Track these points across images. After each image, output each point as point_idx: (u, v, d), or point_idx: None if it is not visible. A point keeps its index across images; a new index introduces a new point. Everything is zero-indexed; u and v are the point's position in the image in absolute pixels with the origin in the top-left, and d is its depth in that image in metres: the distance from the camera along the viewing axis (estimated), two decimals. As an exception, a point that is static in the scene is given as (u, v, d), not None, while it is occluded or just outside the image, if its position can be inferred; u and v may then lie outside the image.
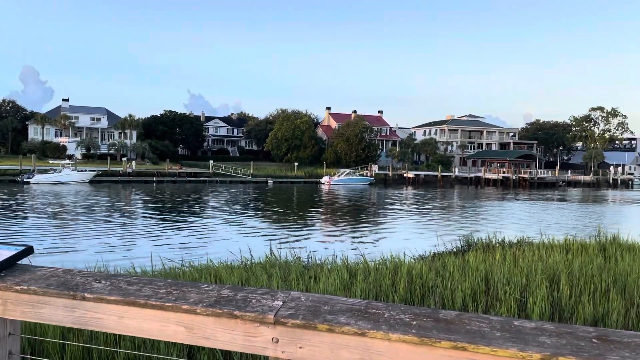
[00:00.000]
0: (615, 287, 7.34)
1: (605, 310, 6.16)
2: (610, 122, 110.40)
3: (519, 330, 1.38)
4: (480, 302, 6.43)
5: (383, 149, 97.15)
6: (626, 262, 9.21)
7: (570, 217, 34.65)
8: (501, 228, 24.15)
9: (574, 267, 8.54)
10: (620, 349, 1.27)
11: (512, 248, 12.14)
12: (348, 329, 1.42)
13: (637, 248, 12.00)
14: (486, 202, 47.66)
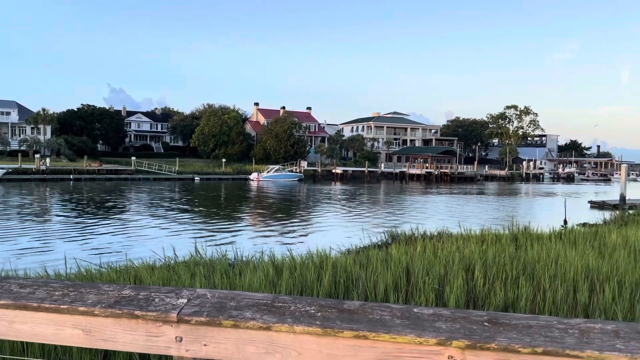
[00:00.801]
0: (524, 274, 7.84)
1: (515, 296, 6.56)
2: (523, 119, 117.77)
3: (418, 317, 1.43)
4: (401, 293, 6.65)
5: (312, 145, 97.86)
6: (535, 251, 9.85)
7: (487, 210, 36.63)
8: (424, 221, 25.09)
9: (488, 256, 9.02)
10: (508, 330, 1.35)
11: (432, 240, 12.65)
12: (253, 323, 1.41)
13: (545, 237, 12.88)
14: (410, 197, 49.34)
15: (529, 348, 1.28)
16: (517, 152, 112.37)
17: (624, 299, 6.44)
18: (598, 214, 27.91)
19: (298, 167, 77.68)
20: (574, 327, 1.37)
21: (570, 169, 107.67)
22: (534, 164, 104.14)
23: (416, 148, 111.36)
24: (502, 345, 1.29)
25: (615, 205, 33.03)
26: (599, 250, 10.50)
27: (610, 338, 1.32)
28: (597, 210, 32.90)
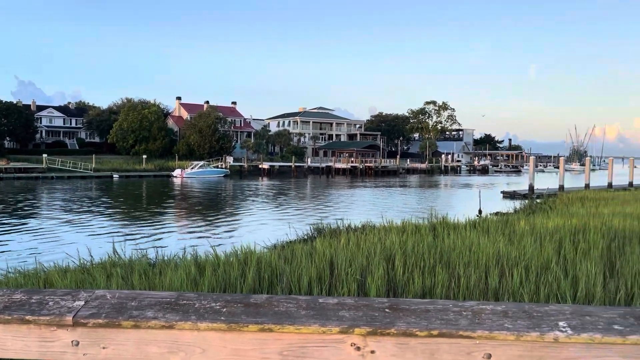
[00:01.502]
0: (441, 263, 8.21)
1: (432, 284, 6.85)
2: (442, 114, 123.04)
3: (323, 307, 1.45)
4: (324, 285, 6.74)
5: (238, 140, 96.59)
6: (451, 240, 10.33)
7: (408, 202, 37.97)
8: (349, 214, 25.58)
9: (408, 246, 9.36)
10: (407, 315, 1.41)
11: (356, 232, 12.92)
12: (155, 323, 1.37)
13: (461, 227, 13.53)
14: (336, 191, 50.11)
15: (425, 331, 1.34)
16: (437, 146, 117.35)
17: (530, 282, 6.91)
18: (509, 204, 29.75)
19: (224, 163, 76.43)
20: (467, 309, 1.45)
21: (484, 162, 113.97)
22: (452, 157, 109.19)
23: (342, 143, 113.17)
24: (401, 329, 1.34)
25: (525, 195, 35.38)
26: (509, 237, 11.18)
27: (500, 318, 1.41)
28: (508, 199, 35.07)
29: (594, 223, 12.82)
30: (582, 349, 1.34)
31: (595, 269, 7.45)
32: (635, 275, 7.28)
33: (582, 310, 1.47)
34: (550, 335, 1.33)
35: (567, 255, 8.68)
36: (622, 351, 1.35)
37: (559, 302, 6.12)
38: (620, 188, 38.47)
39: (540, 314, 1.44)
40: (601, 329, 1.36)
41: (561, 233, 11.22)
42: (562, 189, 36.85)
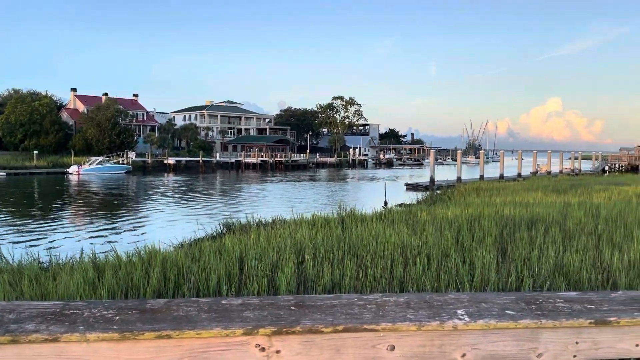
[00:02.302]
0: (349, 254, 8.38)
1: (341, 275, 6.98)
2: (349, 109, 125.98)
3: (226, 308, 1.39)
4: (233, 282, 6.62)
5: (140, 134, 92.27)
6: (359, 232, 10.60)
7: (318, 195, 38.52)
8: (259, 209, 25.41)
9: (318, 239, 9.46)
10: (313, 312, 1.39)
11: (266, 227, 12.86)
12: (37, 336, 1.23)
13: (368, 219, 13.94)
14: (247, 186, 49.60)
15: (331, 327, 1.33)
16: (344, 141, 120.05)
17: (432, 270, 7.26)
18: (412, 195, 31.17)
19: (125, 159, 72.64)
20: (372, 302, 1.46)
21: (389, 155, 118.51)
22: (359, 151, 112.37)
23: (251, 137, 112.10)
24: (306, 327, 1.32)
25: (426, 187, 37.26)
26: (412, 227, 11.69)
27: (403, 309, 1.43)
28: (411, 191, 36.74)
29: (488, 212, 13.78)
30: (479, 335, 1.40)
31: (490, 255, 8.00)
32: (524, 260, 7.91)
33: (478, 297, 1.54)
34: (449, 324, 1.37)
35: (465, 243, 9.24)
36: (515, 335, 1.42)
37: (458, 288, 6.49)
38: (510, 179, 41.77)
39: (440, 303, 1.49)
40: (495, 314, 1.42)
41: (459, 222, 11.92)
42: (459, 180, 39.26)
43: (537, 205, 15.84)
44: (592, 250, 8.58)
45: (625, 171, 64.82)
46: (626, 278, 6.78)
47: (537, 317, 1.43)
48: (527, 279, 6.68)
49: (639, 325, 1.47)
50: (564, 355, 1.46)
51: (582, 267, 7.25)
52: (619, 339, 1.48)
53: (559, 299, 1.57)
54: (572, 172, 55.45)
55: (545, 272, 7.16)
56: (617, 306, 1.52)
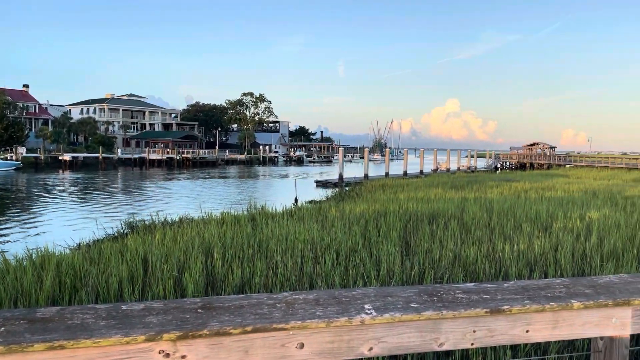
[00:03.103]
0: (260, 252, 8.33)
1: (251, 274, 6.91)
2: (259, 106, 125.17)
3: (127, 314, 1.31)
4: (137, 285, 6.32)
5: (32, 128, 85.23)
6: (269, 229, 10.57)
7: (228, 193, 37.90)
8: (165, 208, 24.50)
9: (227, 238, 9.30)
10: (221, 314, 1.35)
11: (173, 226, 12.42)
12: None
13: (279, 216, 13.95)
14: (152, 183, 47.59)
15: (239, 328, 1.30)
16: (255, 137, 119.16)
17: (341, 265, 7.41)
18: (322, 192, 31.68)
19: (14, 154, 66.72)
20: (281, 301, 1.45)
21: (300, 153, 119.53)
22: (269, 148, 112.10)
23: (156, 133, 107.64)
24: (214, 330, 1.28)
25: (335, 184, 38.03)
26: (322, 223, 11.87)
27: (312, 307, 1.44)
28: (321, 188, 37.31)
29: (393, 207, 14.34)
30: (385, 328, 1.44)
31: (395, 249, 8.33)
32: (426, 252, 8.33)
33: (384, 291, 1.58)
34: (357, 319, 1.40)
35: (372, 238, 9.54)
36: (418, 326, 1.48)
37: (365, 281, 6.68)
38: (413, 176, 43.82)
39: (349, 298, 1.51)
40: (400, 308, 1.47)
41: (366, 217, 12.30)
42: (366, 177, 40.52)
43: (437, 201, 16.75)
44: (486, 242, 9.23)
45: (515, 168, 70.55)
46: (516, 267, 7.37)
47: (438, 309, 1.49)
48: (429, 271, 7.03)
49: (529, 313, 1.59)
50: (463, 344, 1.55)
51: (477, 259, 7.77)
52: (512, 325, 1.59)
53: (458, 291, 1.65)
54: (468, 169, 59.31)
55: (445, 264, 7.58)
56: (509, 295, 1.64)
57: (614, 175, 41.05)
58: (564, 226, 11.17)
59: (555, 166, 63.47)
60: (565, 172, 46.17)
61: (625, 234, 10.06)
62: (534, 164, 69.60)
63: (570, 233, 10.16)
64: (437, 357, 4.27)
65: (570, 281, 1.83)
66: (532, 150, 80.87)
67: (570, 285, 1.78)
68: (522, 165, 72.15)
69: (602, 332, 1.71)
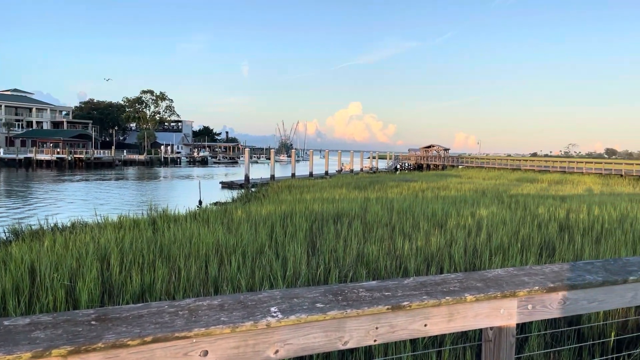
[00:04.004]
0: (161, 257, 8.01)
1: (151, 280, 6.62)
2: (160, 104, 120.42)
3: (10, 330, 1.19)
4: (22, 297, 5.80)
5: None
6: (172, 233, 10.20)
7: (127, 195, 36.01)
8: (56, 212, 22.76)
9: (126, 243, 8.84)
10: (118, 325, 1.27)
11: (64, 232, 11.56)
12: None
13: (181, 219, 13.50)
14: (40, 186, 43.94)
15: (138, 339, 1.23)
16: (155, 137, 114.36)
17: (247, 267, 7.34)
18: (228, 193, 31.16)
19: None
20: (184, 308, 1.40)
21: (204, 153, 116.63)
22: (171, 148, 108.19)
23: (45, 131, 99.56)
24: (109, 342, 1.20)
25: (241, 185, 37.60)
26: (228, 226, 11.68)
27: (217, 312, 1.40)
28: (227, 189, 36.69)
29: (299, 208, 14.46)
30: (291, 330, 1.44)
31: (301, 249, 8.40)
32: (331, 252, 8.50)
33: (290, 293, 1.58)
34: (263, 322, 1.38)
35: (278, 239, 9.55)
36: (324, 326, 1.50)
37: (272, 283, 6.67)
38: (319, 176, 44.55)
39: (255, 302, 1.49)
40: (306, 309, 1.48)
41: (273, 218, 12.29)
42: (273, 178, 40.51)
43: (342, 201, 17.17)
44: (387, 240, 9.61)
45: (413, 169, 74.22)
46: (415, 263, 7.74)
47: (343, 308, 1.52)
48: (334, 270, 7.17)
49: (427, 307, 1.67)
50: (366, 341, 1.59)
51: (379, 256, 8.06)
52: (411, 320, 1.66)
53: (362, 289, 1.70)
54: (370, 170, 61.45)
55: (350, 262, 7.79)
56: (409, 291, 1.71)
57: (500, 175, 44.65)
58: (457, 223, 11.94)
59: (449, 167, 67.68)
60: (458, 173, 49.42)
61: (510, 229, 10.97)
62: (430, 165, 73.70)
63: (462, 230, 10.87)
64: (341, 355, 4.36)
65: (464, 276, 1.95)
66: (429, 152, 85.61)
67: (464, 279, 1.90)
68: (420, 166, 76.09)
69: (492, 323, 1.84)
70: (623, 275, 2.10)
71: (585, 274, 2.06)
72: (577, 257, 8.55)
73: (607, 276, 2.07)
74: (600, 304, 2.07)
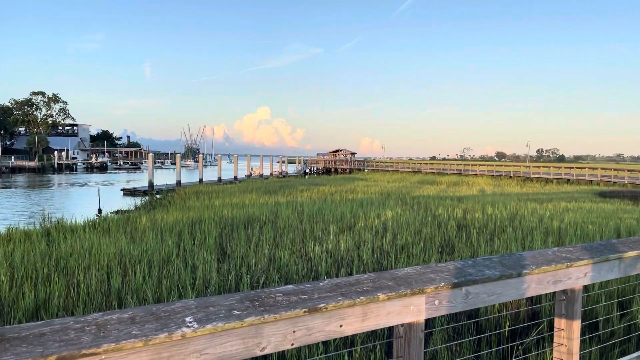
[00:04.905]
0: (57, 270, 7.45)
1: (47, 295, 6.14)
2: (52, 107, 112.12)
3: None
4: None
5: None
6: (69, 244, 9.53)
7: (16, 206, 33.07)
8: None
9: (16, 257, 8.13)
10: (17, 345, 1.17)
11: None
12: None
13: (79, 229, 12.66)
14: None
15: (41, 359, 1.14)
16: (48, 142, 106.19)
17: (153, 277, 7.04)
18: (130, 201, 29.68)
19: None
20: (91, 323, 1.32)
21: (103, 159, 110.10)
22: (66, 154, 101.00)
23: None
24: None
25: (145, 192, 35.98)
26: (131, 235, 11.13)
27: (128, 326, 1.33)
28: (129, 197, 34.93)
29: (208, 214, 14.14)
30: (208, 340, 1.41)
31: (211, 256, 8.22)
32: (242, 258, 8.39)
33: (206, 302, 1.54)
34: (178, 333, 1.34)
35: (187, 247, 9.27)
36: (241, 333, 1.48)
37: (180, 292, 6.45)
38: (228, 182, 43.84)
39: (168, 313, 1.44)
40: (223, 317, 1.45)
41: (180, 226, 11.90)
42: (179, 184, 39.22)
43: (252, 206, 17.03)
44: (298, 244, 9.68)
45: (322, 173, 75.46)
46: (325, 265, 7.87)
47: (260, 313, 1.51)
48: (246, 276, 7.10)
49: (342, 308, 1.71)
50: (283, 345, 1.59)
51: (291, 260, 8.10)
52: (328, 322, 1.69)
53: (279, 293, 1.70)
54: (280, 174, 61.57)
55: (261, 268, 7.74)
56: (325, 293, 1.74)
57: (403, 178, 46.74)
58: (365, 225, 12.32)
59: (355, 171, 69.65)
60: (364, 176, 51.01)
61: (414, 229, 11.51)
62: (338, 168, 75.37)
63: (370, 231, 11.24)
64: (255, 361, 4.32)
65: (376, 275, 2.02)
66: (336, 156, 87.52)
67: (376, 279, 1.96)
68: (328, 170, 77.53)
69: (403, 320, 1.92)
70: (517, 269, 2.29)
71: (484, 269, 2.22)
72: (474, 254, 9.16)
73: (504, 270, 2.24)
74: (498, 296, 2.24)
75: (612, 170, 47.49)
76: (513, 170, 52.49)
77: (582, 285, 2.63)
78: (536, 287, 2.41)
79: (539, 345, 4.91)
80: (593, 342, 4.89)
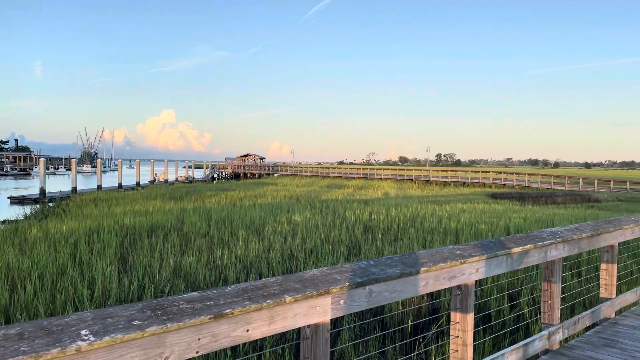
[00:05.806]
0: None
1: None
2: None
3: None
4: None
5: None
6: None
7: None
8: None
9: None
10: None
11: None
12: None
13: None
14: None
15: None
16: None
17: (46, 291, 6.53)
18: (19, 210, 27.29)
19: None
20: None
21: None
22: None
23: None
24: None
25: (36, 200, 33.29)
26: (20, 246, 10.26)
27: (15, 342, 1.23)
28: (17, 205, 32.13)
29: (107, 223, 13.37)
30: (105, 353, 1.34)
31: (110, 266, 7.78)
32: (145, 267, 8.04)
33: (103, 313, 1.47)
34: (72, 347, 1.26)
35: (84, 257, 8.71)
36: (142, 344, 1.42)
37: (77, 306, 6.05)
38: (129, 188, 41.74)
39: (61, 326, 1.35)
40: (122, 328, 1.39)
41: (76, 235, 11.16)
42: (75, 191, 36.71)
43: (156, 213, 16.37)
44: (206, 251, 9.46)
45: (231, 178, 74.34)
46: (234, 272, 7.76)
47: (163, 322, 1.46)
48: (149, 286, 6.80)
49: (249, 313, 1.70)
50: (188, 353, 1.55)
51: (198, 268, 7.89)
52: (234, 327, 1.67)
53: (183, 301, 1.65)
54: (187, 180, 59.75)
55: (166, 277, 7.46)
56: (231, 299, 1.72)
57: (312, 182, 47.36)
58: (275, 229, 12.32)
59: (265, 175, 69.45)
60: (274, 181, 51.01)
61: (323, 232, 11.71)
62: (247, 173, 74.69)
63: (279, 235, 11.26)
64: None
65: (283, 278, 2.03)
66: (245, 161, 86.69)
67: (283, 282, 1.98)
68: (237, 174, 76.56)
69: (309, 321, 1.95)
70: (416, 267, 2.42)
71: (386, 268, 2.32)
72: (379, 254, 9.50)
73: (404, 269, 2.35)
74: (399, 293, 2.34)
75: (502, 174, 51.64)
76: (415, 174, 55.22)
77: (475, 280, 2.83)
78: (434, 283, 2.55)
79: (438, 339, 5.20)
80: (487, 332, 5.26)
